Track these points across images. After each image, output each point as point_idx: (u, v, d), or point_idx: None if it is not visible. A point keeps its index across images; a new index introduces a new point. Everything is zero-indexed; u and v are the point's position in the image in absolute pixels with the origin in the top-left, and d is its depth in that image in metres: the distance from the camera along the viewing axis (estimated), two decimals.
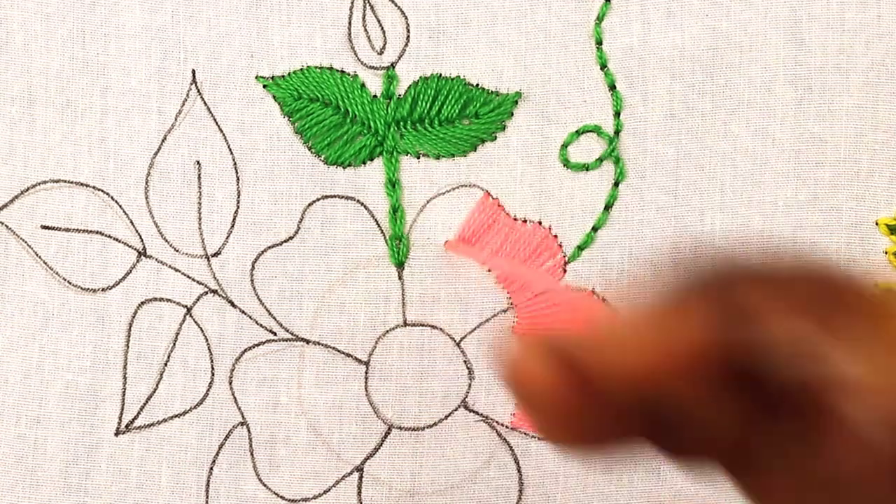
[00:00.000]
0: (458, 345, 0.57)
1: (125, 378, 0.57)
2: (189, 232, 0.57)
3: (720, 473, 0.33)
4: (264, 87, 0.57)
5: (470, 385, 0.57)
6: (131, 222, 0.56)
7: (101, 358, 0.57)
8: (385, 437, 0.57)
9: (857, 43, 0.57)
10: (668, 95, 0.57)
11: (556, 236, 0.57)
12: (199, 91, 0.56)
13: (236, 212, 0.57)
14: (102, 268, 0.56)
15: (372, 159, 0.57)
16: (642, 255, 0.57)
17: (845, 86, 0.57)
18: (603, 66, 0.57)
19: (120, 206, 0.56)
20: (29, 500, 0.56)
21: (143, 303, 0.56)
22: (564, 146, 0.57)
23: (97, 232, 0.56)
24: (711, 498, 0.57)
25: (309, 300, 0.57)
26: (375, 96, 0.57)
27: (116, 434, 0.57)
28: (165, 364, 0.57)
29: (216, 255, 0.57)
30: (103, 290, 0.56)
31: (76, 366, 0.57)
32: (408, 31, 0.57)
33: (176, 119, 0.57)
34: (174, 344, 0.57)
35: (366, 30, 0.57)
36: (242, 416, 0.57)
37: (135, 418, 0.57)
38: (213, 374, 0.57)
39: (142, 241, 0.56)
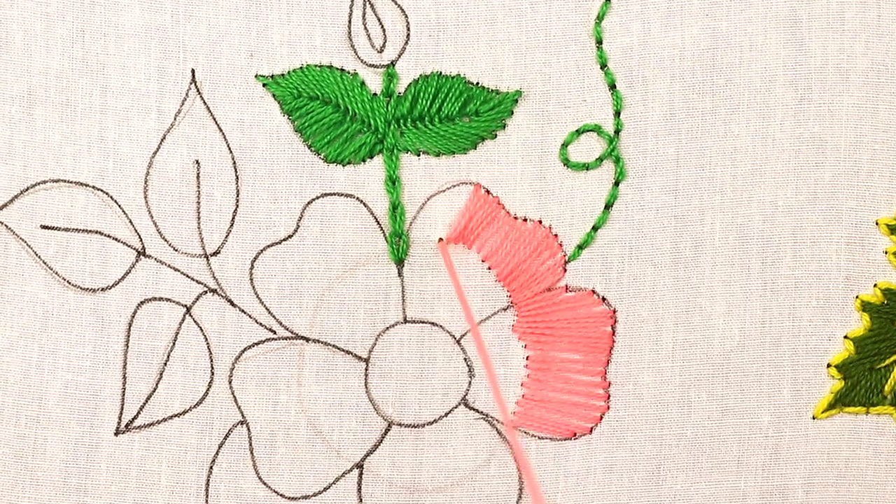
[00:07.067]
0: (458, 342, 0.57)
1: (125, 378, 0.56)
2: (188, 231, 0.56)
3: None
4: (264, 85, 0.56)
5: (470, 382, 0.57)
6: (130, 222, 0.56)
7: (100, 358, 0.56)
8: (385, 433, 0.57)
9: (857, 43, 0.57)
10: (668, 95, 0.57)
11: (556, 235, 0.57)
12: (198, 90, 0.56)
13: (235, 210, 0.57)
14: (102, 267, 0.56)
15: (372, 157, 0.57)
16: (642, 255, 0.57)
17: (845, 86, 0.57)
18: (603, 66, 0.57)
19: (119, 206, 0.56)
20: (29, 499, 0.56)
21: (142, 302, 0.56)
22: (565, 145, 0.57)
23: (96, 232, 0.56)
24: (711, 498, 0.58)
25: (308, 298, 0.57)
26: (375, 94, 0.57)
27: (116, 434, 0.57)
28: (165, 363, 0.56)
29: (215, 254, 0.57)
30: (103, 289, 0.56)
31: (76, 365, 0.56)
32: (408, 29, 0.57)
33: (175, 118, 0.56)
34: (174, 343, 0.56)
35: (366, 28, 0.56)
36: (242, 415, 0.57)
37: (134, 418, 0.56)
38: (212, 374, 0.57)
39: (141, 240, 0.56)
